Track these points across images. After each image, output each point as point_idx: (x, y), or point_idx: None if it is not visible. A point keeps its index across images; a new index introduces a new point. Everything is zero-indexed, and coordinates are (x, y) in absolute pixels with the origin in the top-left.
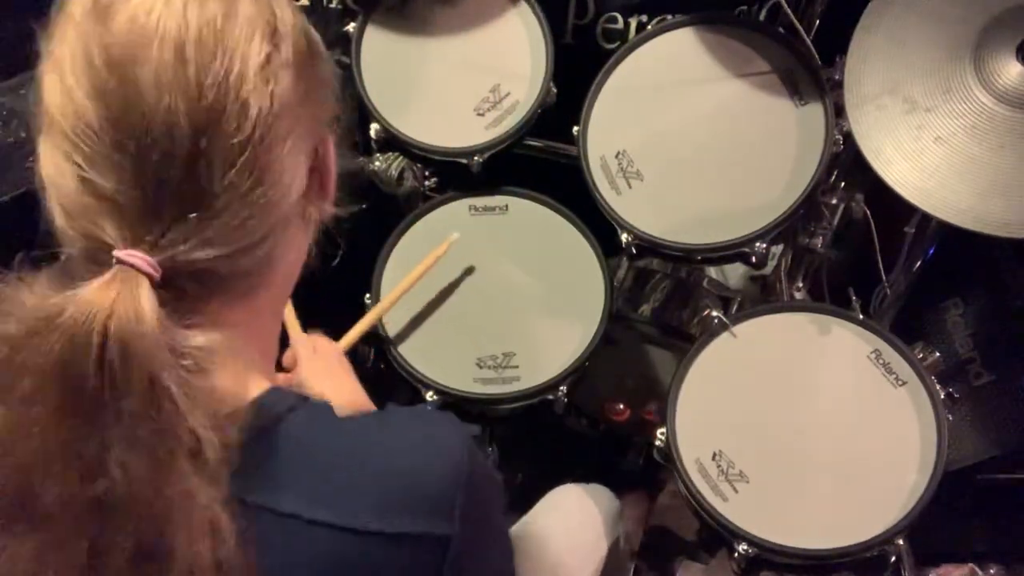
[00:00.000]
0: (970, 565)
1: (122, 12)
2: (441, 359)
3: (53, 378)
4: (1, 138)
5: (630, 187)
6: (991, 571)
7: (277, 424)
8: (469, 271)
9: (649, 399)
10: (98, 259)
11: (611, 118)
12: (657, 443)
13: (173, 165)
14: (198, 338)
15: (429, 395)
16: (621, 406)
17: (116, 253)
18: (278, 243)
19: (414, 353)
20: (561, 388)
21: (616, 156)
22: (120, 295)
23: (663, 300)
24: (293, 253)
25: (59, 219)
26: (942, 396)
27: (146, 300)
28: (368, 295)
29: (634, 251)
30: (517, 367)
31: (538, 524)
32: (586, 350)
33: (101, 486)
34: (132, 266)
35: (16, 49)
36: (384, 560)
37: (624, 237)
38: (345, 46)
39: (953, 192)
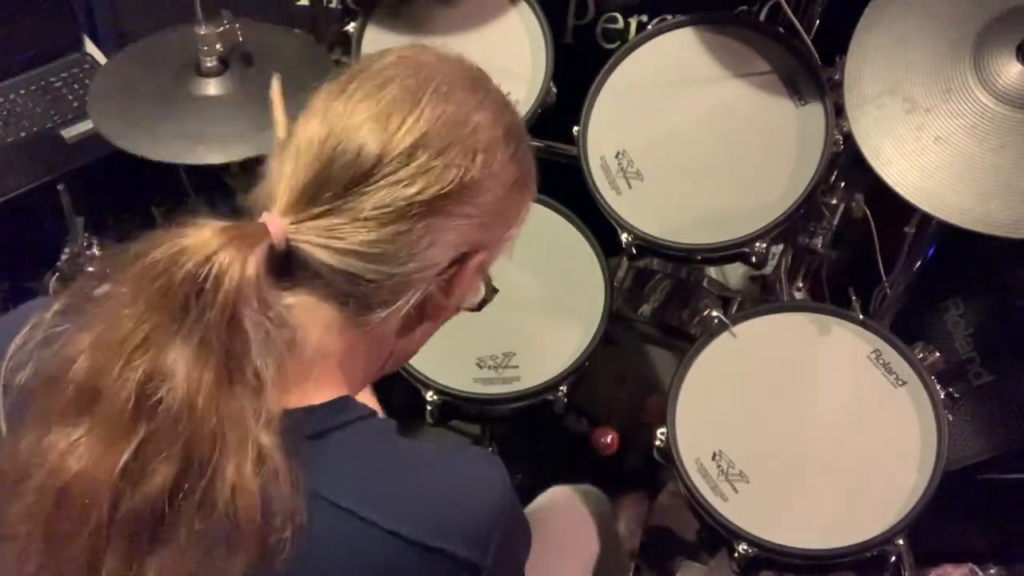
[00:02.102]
0: (970, 565)
1: (386, 74)
2: (441, 359)
3: (152, 281)
4: (1, 138)
5: (630, 187)
6: (991, 571)
7: (345, 427)
8: None
9: (646, 402)
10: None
11: (611, 118)
12: (657, 443)
13: (345, 173)
14: (288, 298)
15: (429, 395)
16: (610, 439)
17: (264, 212)
18: (385, 302)
19: None
20: (561, 388)
21: (616, 156)
22: (241, 239)
23: (663, 300)
24: (396, 327)
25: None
26: (942, 396)
27: (257, 252)
28: None
29: (634, 251)
30: (517, 367)
31: (531, 519)
32: (586, 350)
33: (164, 388)
34: (265, 226)
35: (16, 49)
36: (419, 570)
37: (624, 237)
38: (345, 46)
39: (953, 192)
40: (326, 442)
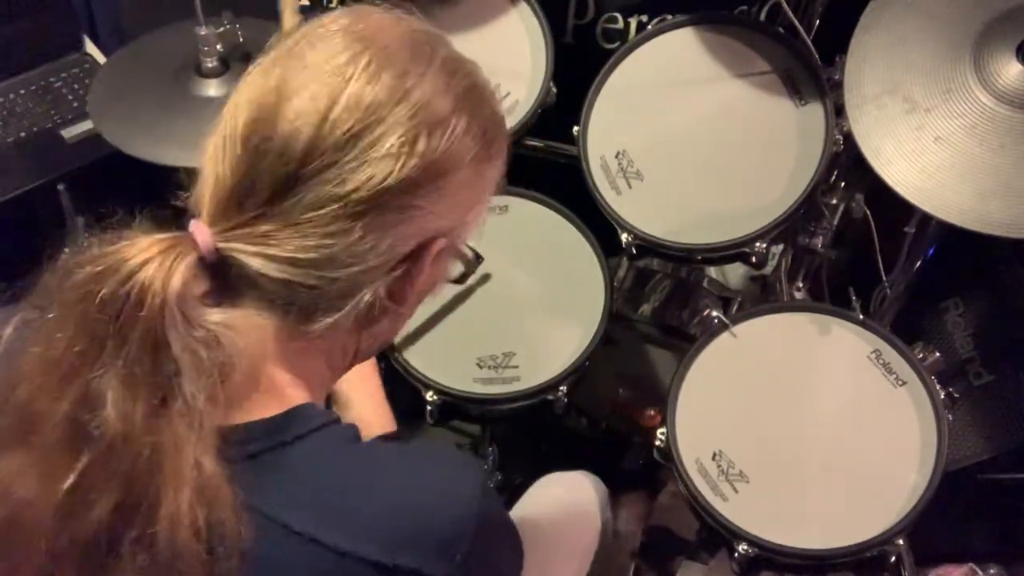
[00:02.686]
0: (970, 565)
1: (314, 51)
2: (441, 359)
3: (76, 303)
4: (1, 138)
5: (630, 187)
6: (991, 571)
7: (301, 440)
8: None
9: (649, 400)
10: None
11: (611, 118)
12: (657, 443)
13: (274, 174)
14: (225, 311)
15: (429, 395)
16: (652, 412)
17: (192, 221)
18: (332, 307)
19: (414, 353)
20: (561, 388)
21: (616, 156)
22: (163, 254)
23: (663, 300)
24: (352, 326)
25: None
26: (942, 396)
27: (182, 267)
28: None
29: (634, 251)
30: (517, 367)
31: (528, 507)
32: (586, 350)
33: (97, 419)
34: (192, 237)
35: (16, 49)
36: None
37: (624, 237)
38: None
39: (953, 192)
40: (276, 458)
